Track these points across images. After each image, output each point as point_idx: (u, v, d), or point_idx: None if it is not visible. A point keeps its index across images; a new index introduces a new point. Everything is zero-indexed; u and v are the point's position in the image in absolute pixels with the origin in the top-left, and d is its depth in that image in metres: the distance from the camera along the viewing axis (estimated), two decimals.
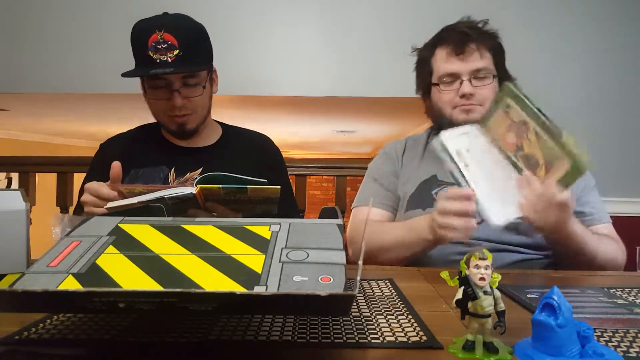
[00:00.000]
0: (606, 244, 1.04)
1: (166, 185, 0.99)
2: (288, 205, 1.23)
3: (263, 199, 0.97)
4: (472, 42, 1.10)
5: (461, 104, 1.09)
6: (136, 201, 0.86)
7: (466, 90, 1.08)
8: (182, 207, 0.92)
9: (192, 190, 0.87)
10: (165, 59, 1.08)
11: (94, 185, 0.95)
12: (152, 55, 1.07)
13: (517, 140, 0.87)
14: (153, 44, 1.07)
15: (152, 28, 1.08)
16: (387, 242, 1.05)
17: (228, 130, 1.31)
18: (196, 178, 1.06)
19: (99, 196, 0.93)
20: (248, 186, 0.89)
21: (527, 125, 0.84)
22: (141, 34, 1.09)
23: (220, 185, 0.88)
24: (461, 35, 1.11)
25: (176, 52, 1.08)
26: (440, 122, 1.14)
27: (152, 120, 1.30)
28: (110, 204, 0.87)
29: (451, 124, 1.07)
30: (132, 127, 1.33)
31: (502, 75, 1.14)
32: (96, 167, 1.22)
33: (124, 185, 0.94)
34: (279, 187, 0.91)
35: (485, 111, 1.01)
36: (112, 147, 1.25)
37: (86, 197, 0.95)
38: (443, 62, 1.13)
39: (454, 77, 1.11)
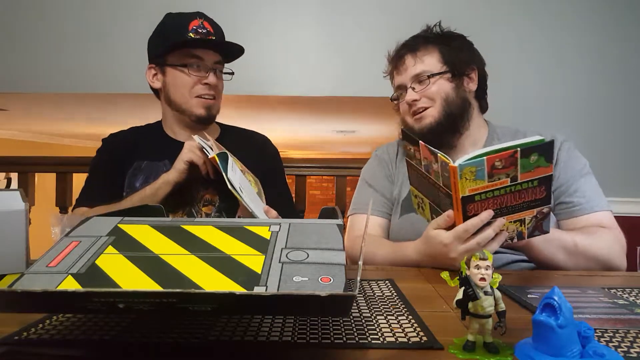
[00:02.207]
0: (592, 240, 0.98)
1: (207, 141, 1.10)
2: (285, 205, 1.24)
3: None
4: (408, 52, 1.16)
5: (411, 111, 1.15)
6: (198, 141, 1.08)
7: (407, 98, 1.15)
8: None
9: (212, 154, 1.02)
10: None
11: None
12: (192, 36, 1.15)
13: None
14: (194, 27, 1.15)
15: (192, 16, 1.17)
16: (378, 262, 1.04)
17: (226, 129, 1.33)
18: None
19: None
20: (233, 192, 0.98)
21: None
22: (180, 20, 1.17)
23: (222, 170, 1.00)
24: (399, 49, 1.18)
25: (213, 38, 1.17)
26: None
27: (151, 120, 1.30)
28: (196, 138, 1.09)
29: (415, 132, 1.13)
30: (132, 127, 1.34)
31: (455, 66, 1.14)
32: (103, 159, 1.25)
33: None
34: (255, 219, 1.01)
35: (437, 109, 1.11)
36: (116, 141, 1.28)
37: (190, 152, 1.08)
38: (392, 80, 1.22)
39: (402, 89, 1.17)
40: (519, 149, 0.76)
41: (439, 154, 0.79)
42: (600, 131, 2.01)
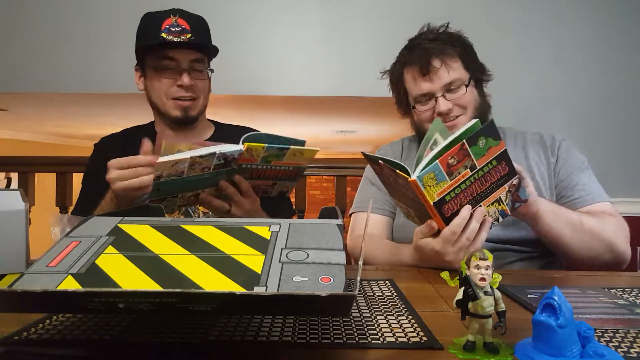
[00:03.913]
0: (597, 221, 0.99)
1: (212, 143, 0.96)
2: (281, 201, 1.24)
3: (293, 169, 1.03)
4: (436, 58, 1.08)
5: (442, 121, 1.09)
6: (189, 156, 0.87)
7: (442, 108, 1.07)
8: (217, 178, 0.96)
9: (240, 147, 0.90)
10: (179, 40, 1.11)
11: (120, 160, 0.93)
12: (165, 36, 1.11)
13: None
14: (167, 26, 1.11)
15: (166, 14, 1.13)
16: (378, 263, 1.05)
17: (220, 127, 1.33)
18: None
19: (132, 165, 0.92)
20: (291, 146, 0.93)
21: None
22: (154, 19, 1.14)
23: (264, 145, 0.91)
24: (423, 53, 1.09)
25: (189, 35, 1.12)
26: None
27: (151, 120, 1.30)
28: (162, 159, 0.86)
29: None
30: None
31: (477, 72, 1.13)
32: (94, 167, 1.23)
33: (166, 142, 0.92)
34: (318, 149, 0.98)
35: (469, 117, 1.07)
36: (108, 146, 1.27)
37: (113, 172, 0.93)
38: (413, 85, 1.12)
39: (428, 95, 1.10)
40: (464, 140, 0.78)
41: (397, 171, 0.79)
42: (600, 131, 2.01)
